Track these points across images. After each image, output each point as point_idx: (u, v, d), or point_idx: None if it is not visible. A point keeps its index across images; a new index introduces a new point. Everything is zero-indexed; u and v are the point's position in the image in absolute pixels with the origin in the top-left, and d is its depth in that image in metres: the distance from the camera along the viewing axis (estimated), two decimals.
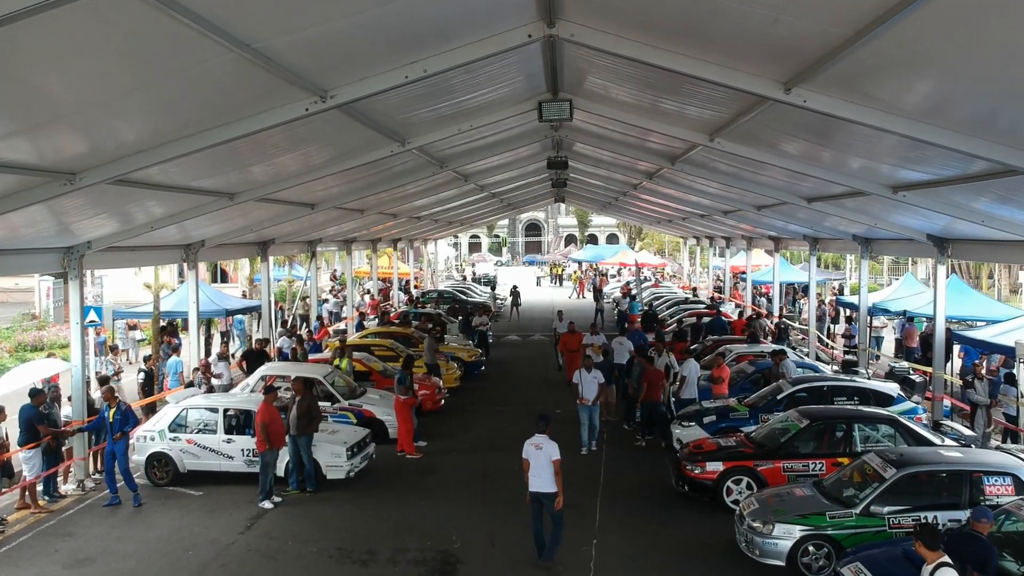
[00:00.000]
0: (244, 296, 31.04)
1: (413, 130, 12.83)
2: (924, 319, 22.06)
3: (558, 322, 24.17)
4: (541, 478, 9.89)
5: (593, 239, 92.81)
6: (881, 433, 12.11)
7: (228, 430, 13.39)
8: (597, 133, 16.24)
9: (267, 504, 12.31)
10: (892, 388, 14.67)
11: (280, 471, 12.98)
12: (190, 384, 15.74)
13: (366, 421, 15.57)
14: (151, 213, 13.48)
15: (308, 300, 28.61)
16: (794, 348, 21.00)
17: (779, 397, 14.43)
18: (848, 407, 13.32)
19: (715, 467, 11.94)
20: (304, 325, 26.86)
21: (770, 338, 23.27)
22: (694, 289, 40.60)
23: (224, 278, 41.36)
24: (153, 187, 11.21)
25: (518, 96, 12.71)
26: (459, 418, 18.02)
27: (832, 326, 28.93)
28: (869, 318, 20.96)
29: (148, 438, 13.51)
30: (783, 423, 12.58)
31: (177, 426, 13.51)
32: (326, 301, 34.23)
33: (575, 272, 57.70)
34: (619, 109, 12.44)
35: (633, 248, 62.67)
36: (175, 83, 7.39)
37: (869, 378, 16.61)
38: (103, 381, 14.49)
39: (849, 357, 21.44)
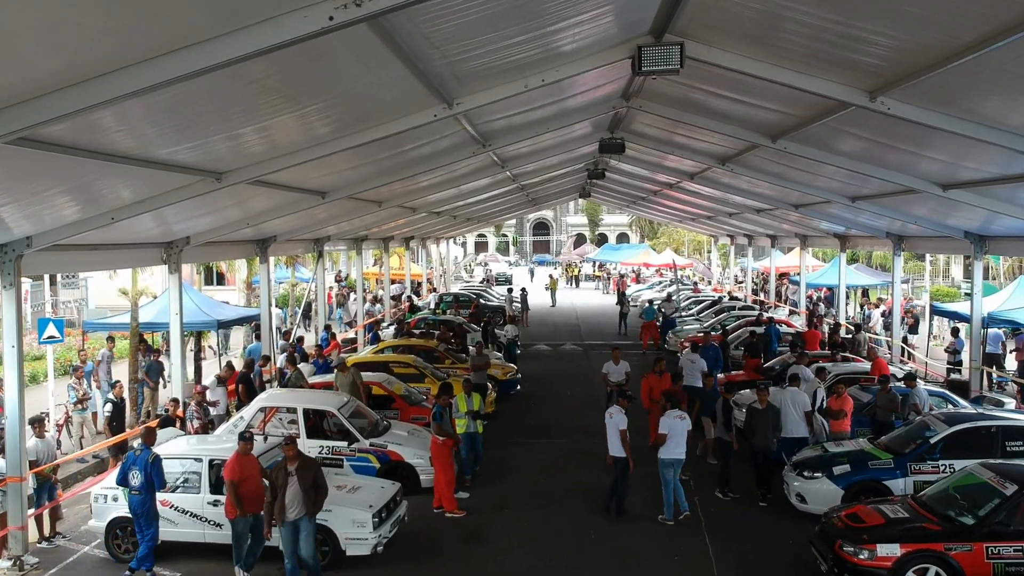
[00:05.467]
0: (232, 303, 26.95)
1: (465, 86, 9.44)
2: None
3: (613, 366, 15.94)
4: (611, 443, 11.12)
5: (603, 238, 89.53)
6: None
7: (215, 488, 10.05)
8: (682, 98, 12.80)
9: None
10: None
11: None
12: (167, 421, 12.30)
13: (392, 466, 12.25)
14: (118, 196, 10.08)
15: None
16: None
17: (933, 441, 11.13)
18: None
19: (890, 551, 8.56)
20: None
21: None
22: (729, 293, 37.14)
23: (220, 280, 37.64)
24: (106, 157, 7.82)
25: (608, 39, 9.37)
26: (501, 455, 14.54)
27: (908, 336, 25.52)
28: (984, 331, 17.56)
29: (110, 498, 10.19)
30: (968, 484, 9.27)
31: None
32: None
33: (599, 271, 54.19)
34: (751, 54, 8.98)
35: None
36: None
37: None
38: (34, 422, 10.99)
39: (956, 377, 18.11)
